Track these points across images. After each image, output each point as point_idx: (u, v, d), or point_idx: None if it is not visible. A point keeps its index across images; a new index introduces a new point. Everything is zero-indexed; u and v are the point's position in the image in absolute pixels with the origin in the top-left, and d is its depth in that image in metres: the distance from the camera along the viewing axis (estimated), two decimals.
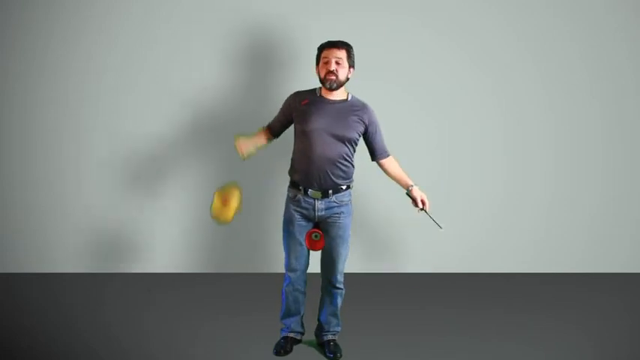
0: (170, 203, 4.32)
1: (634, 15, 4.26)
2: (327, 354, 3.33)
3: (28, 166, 4.27)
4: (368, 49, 4.12)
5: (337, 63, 3.13)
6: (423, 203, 3.23)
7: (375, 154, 3.30)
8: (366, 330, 3.56)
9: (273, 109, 4.12)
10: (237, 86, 4.21)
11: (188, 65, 4.19)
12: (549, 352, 3.36)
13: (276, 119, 3.36)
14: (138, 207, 4.31)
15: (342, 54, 3.15)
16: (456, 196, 4.37)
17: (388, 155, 3.32)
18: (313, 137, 3.14)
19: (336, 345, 3.36)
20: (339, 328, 3.41)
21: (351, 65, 3.19)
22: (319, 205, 3.20)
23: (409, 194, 3.25)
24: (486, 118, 4.32)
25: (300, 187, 3.20)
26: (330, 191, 3.19)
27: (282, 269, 3.38)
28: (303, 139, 3.17)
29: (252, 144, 3.27)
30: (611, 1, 4.24)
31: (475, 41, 4.24)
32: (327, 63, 3.14)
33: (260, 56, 4.18)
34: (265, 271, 4.32)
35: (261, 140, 3.34)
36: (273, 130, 3.36)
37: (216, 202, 3.22)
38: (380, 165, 3.33)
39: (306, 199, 3.21)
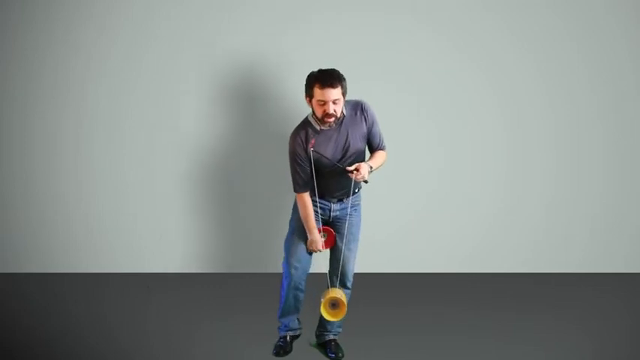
0: (170, 203, 4.31)
1: (634, 15, 4.26)
2: (329, 354, 3.33)
3: (28, 166, 4.27)
4: (368, 49, 4.14)
5: (334, 103, 3.00)
6: (357, 170, 3.04)
7: (370, 149, 3.25)
8: (366, 330, 3.56)
9: (275, 111, 4.15)
10: (238, 86, 4.21)
11: (188, 65, 4.19)
12: (549, 352, 3.36)
13: (304, 174, 3.13)
14: (138, 207, 4.31)
15: (338, 92, 2.99)
16: (457, 196, 4.37)
17: (382, 149, 3.26)
18: (331, 169, 3.12)
19: (337, 345, 3.36)
20: (340, 329, 3.41)
21: (346, 92, 3.08)
22: (334, 206, 3.24)
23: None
24: (486, 118, 4.32)
25: (317, 193, 3.20)
26: (345, 197, 3.23)
27: (281, 269, 3.38)
28: (321, 171, 3.12)
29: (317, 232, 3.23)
30: (611, 1, 4.24)
31: (475, 41, 4.24)
32: (324, 105, 2.99)
33: (261, 54, 4.18)
34: (265, 271, 4.32)
35: (312, 216, 3.21)
36: (308, 187, 3.17)
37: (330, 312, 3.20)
38: None
39: (322, 201, 3.23)
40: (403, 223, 4.37)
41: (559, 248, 4.43)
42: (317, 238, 3.22)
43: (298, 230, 3.27)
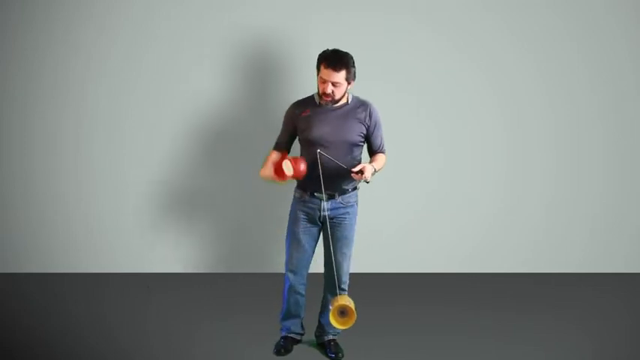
0: (171, 203, 4.32)
1: (634, 15, 4.26)
2: (329, 354, 3.33)
3: (28, 166, 4.27)
4: (368, 49, 4.13)
5: (334, 85, 3.09)
6: (361, 172, 3.06)
7: (370, 150, 3.29)
8: (366, 330, 3.55)
9: (275, 112, 4.15)
10: (238, 86, 4.21)
11: (188, 65, 4.19)
12: (549, 352, 3.36)
13: (282, 135, 3.31)
14: (138, 207, 4.31)
15: (340, 76, 3.08)
16: (457, 196, 4.37)
17: (382, 152, 3.30)
18: (318, 146, 3.12)
19: (337, 345, 3.36)
20: (339, 330, 3.40)
21: (352, 79, 3.14)
22: (325, 205, 3.21)
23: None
24: (486, 118, 4.32)
25: (307, 190, 3.21)
26: (337, 194, 3.21)
27: (282, 269, 3.38)
28: (308, 148, 3.16)
29: (269, 168, 3.22)
30: (611, 1, 4.24)
31: (475, 41, 4.24)
32: (324, 83, 3.10)
33: (261, 54, 4.18)
34: (265, 271, 4.32)
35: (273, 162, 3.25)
36: (282, 147, 3.30)
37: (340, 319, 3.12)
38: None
39: (312, 199, 3.21)
40: (403, 223, 4.37)
41: (559, 248, 4.44)
42: (267, 169, 3.22)
43: (293, 235, 3.27)
